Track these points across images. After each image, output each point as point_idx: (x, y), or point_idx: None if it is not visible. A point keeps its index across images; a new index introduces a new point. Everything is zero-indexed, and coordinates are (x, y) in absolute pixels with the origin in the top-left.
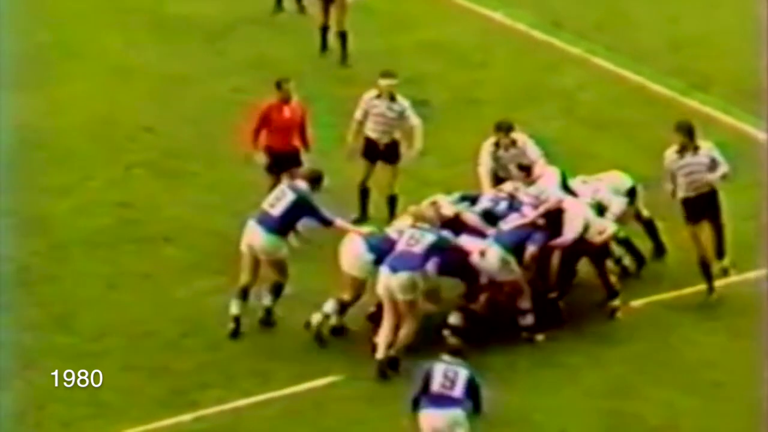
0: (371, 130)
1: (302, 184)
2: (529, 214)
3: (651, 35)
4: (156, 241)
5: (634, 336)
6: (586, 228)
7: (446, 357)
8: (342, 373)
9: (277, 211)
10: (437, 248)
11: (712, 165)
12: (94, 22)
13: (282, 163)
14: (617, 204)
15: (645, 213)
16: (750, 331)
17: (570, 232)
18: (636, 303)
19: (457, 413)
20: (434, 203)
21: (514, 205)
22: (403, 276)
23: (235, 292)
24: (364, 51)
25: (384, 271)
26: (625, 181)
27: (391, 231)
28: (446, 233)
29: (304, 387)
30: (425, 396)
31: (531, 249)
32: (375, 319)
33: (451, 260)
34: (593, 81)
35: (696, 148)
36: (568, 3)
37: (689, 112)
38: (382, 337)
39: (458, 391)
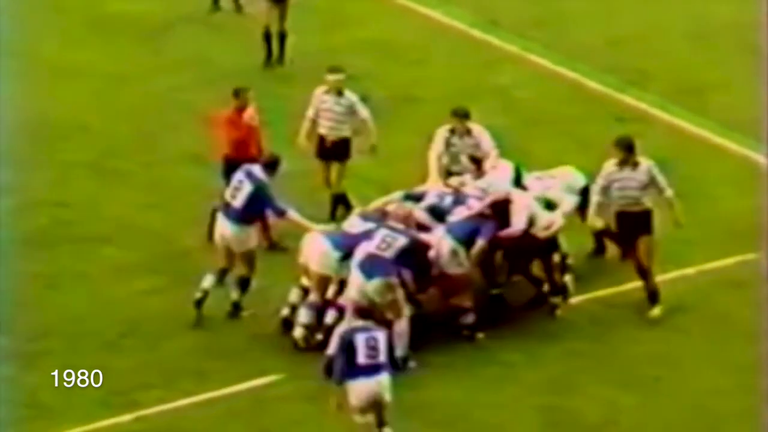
0: (321, 126)
1: (258, 171)
2: (476, 206)
3: (587, 32)
4: (94, 241)
5: (574, 333)
6: (532, 222)
7: (360, 322)
8: (282, 372)
9: (238, 202)
10: (409, 252)
11: (649, 183)
12: (30, 21)
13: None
14: (568, 202)
15: None
16: (688, 326)
17: (517, 223)
18: (575, 300)
19: (386, 377)
20: (386, 204)
21: (459, 199)
22: (377, 282)
23: (214, 270)
24: (303, 49)
25: (358, 275)
26: (579, 180)
27: (346, 226)
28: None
29: (244, 386)
30: (353, 367)
31: (480, 243)
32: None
33: (416, 255)
34: (530, 78)
35: (636, 164)
36: (505, 1)
37: (626, 109)
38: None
39: (383, 356)
